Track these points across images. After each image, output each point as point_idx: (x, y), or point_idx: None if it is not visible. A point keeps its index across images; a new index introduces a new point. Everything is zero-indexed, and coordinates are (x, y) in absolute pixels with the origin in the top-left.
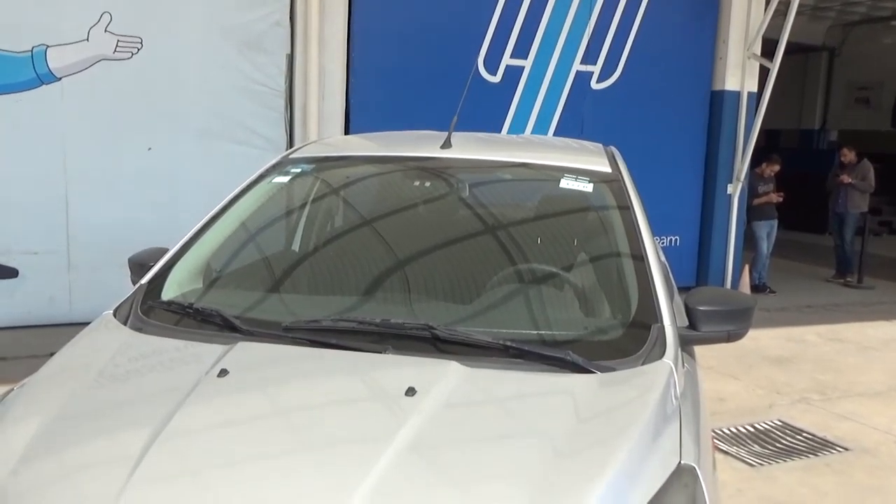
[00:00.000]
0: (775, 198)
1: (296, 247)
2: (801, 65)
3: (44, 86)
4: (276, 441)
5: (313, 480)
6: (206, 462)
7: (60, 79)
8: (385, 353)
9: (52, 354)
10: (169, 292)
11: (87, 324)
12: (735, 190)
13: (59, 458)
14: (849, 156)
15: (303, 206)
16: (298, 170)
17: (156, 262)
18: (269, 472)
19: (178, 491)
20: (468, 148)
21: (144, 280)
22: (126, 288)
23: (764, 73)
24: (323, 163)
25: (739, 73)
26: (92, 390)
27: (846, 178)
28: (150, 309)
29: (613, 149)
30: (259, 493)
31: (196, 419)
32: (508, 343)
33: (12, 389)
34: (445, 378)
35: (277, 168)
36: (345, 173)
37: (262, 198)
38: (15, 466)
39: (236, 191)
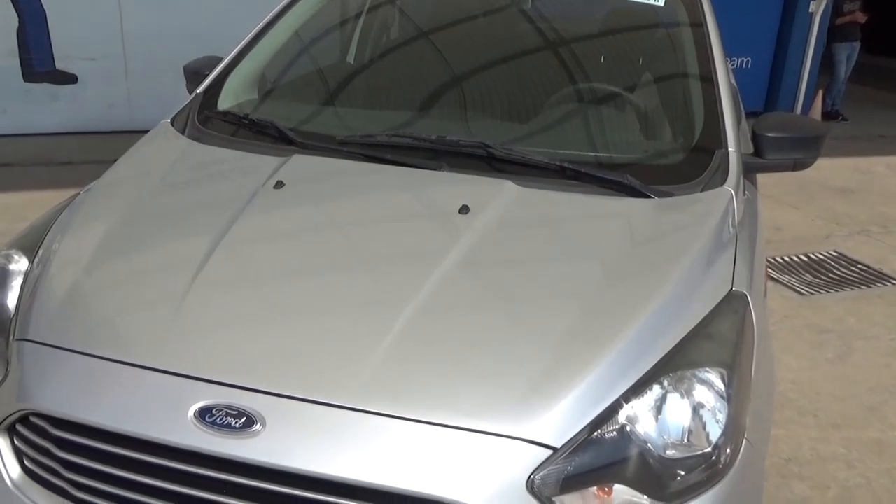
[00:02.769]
0: (861, 17)
1: (350, 58)
2: None
3: None
4: (331, 253)
5: (365, 293)
6: (265, 270)
7: None
8: (440, 170)
9: (114, 161)
10: (224, 102)
11: (146, 131)
12: (818, 8)
13: (127, 260)
14: None
15: (358, 16)
16: None
17: (211, 70)
18: (325, 282)
19: (239, 295)
20: None
21: (200, 89)
22: (183, 96)
23: None
24: None
25: None
26: (154, 197)
27: None
28: (206, 119)
29: None
30: (315, 301)
31: (254, 229)
32: (565, 164)
33: (79, 193)
34: (499, 197)
35: None
36: None
37: (316, 6)
38: (87, 266)
39: None
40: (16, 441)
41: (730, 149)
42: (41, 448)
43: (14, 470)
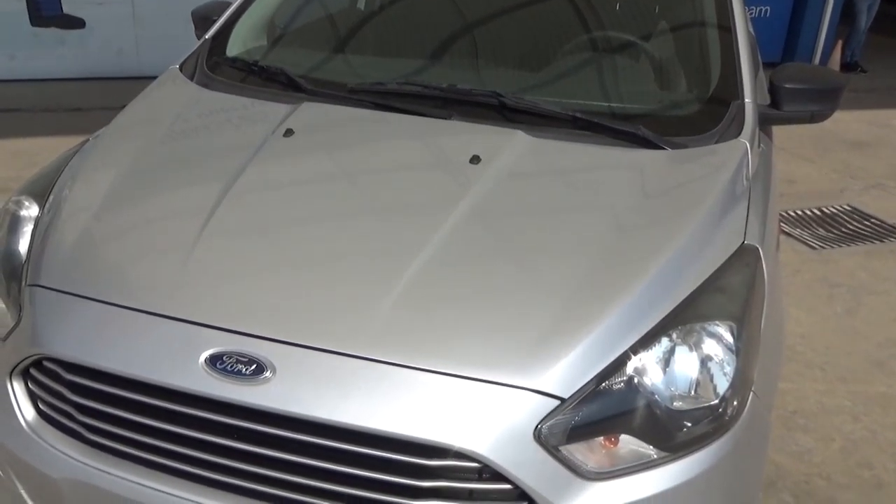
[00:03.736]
0: None
1: (361, 5)
2: None
3: None
4: (341, 202)
5: (375, 242)
6: (275, 218)
7: None
8: (450, 119)
9: (123, 107)
10: (233, 49)
11: (155, 77)
12: None
13: (137, 207)
14: None
15: None
16: None
17: (220, 16)
18: (334, 232)
19: (249, 243)
20: None
21: (209, 35)
22: (192, 42)
23: None
24: None
25: None
26: (163, 144)
27: None
28: (215, 65)
29: None
30: (325, 249)
31: (264, 177)
32: (577, 114)
33: (88, 140)
34: (510, 147)
35: None
36: None
37: None
38: (97, 213)
39: None
40: (30, 385)
41: (746, 100)
42: (55, 392)
43: (29, 413)
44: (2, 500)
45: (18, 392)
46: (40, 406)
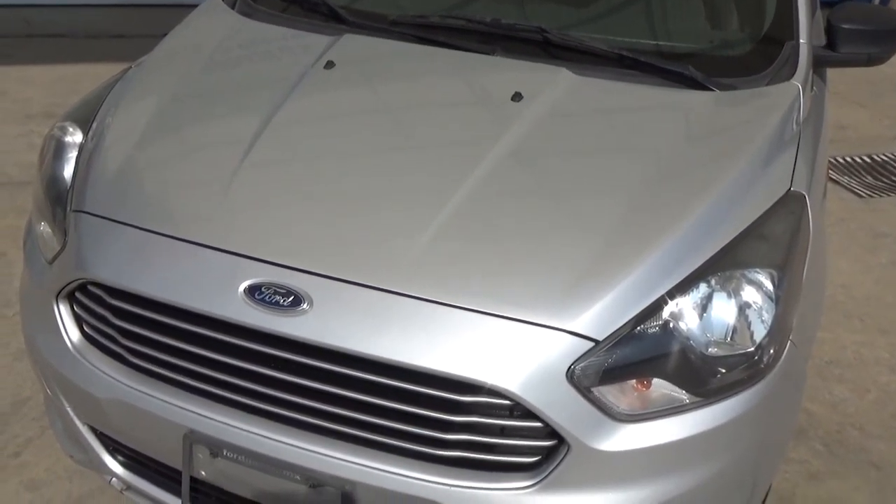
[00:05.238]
0: None
1: None
2: None
3: None
4: (381, 136)
5: (413, 178)
6: (315, 151)
7: None
8: (493, 55)
9: (164, 34)
10: None
11: (196, 5)
12: None
13: (178, 137)
14: None
15: None
16: None
17: None
18: (373, 165)
19: (288, 176)
20: None
21: None
22: None
23: None
24: None
25: None
26: (204, 74)
27: None
28: None
29: None
30: (363, 184)
31: (304, 109)
32: (624, 52)
33: (130, 67)
34: (554, 85)
35: None
36: None
37: None
38: (139, 141)
39: None
40: (76, 308)
41: (801, 40)
42: (99, 316)
43: (75, 335)
44: (51, 416)
45: (65, 314)
46: (85, 329)
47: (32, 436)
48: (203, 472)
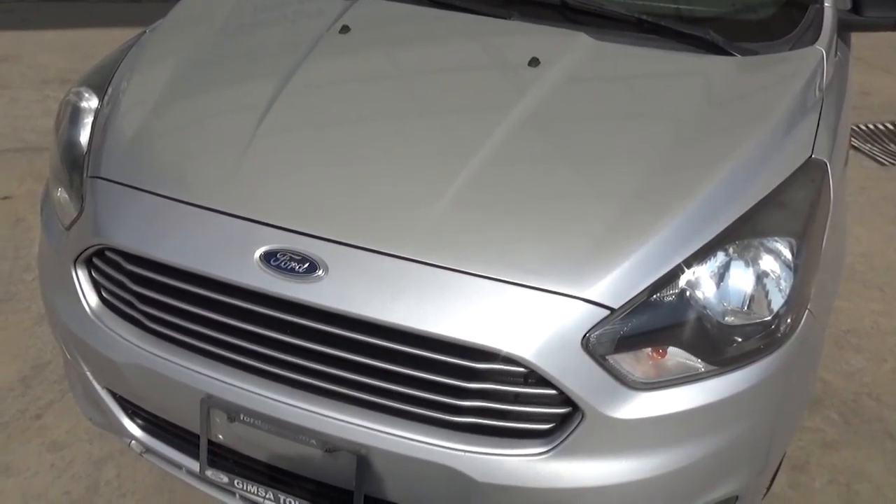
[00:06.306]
0: None
1: None
2: None
3: None
4: (397, 102)
5: (429, 144)
6: (330, 116)
7: None
8: (510, 19)
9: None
10: None
11: None
12: None
13: (193, 103)
14: None
15: None
16: None
17: None
18: (389, 131)
19: (304, 142)
20: None
21: None
22: None
23: None
24: None
25: None
26: (219, 39)
27: None
28: None
29: None
30: (379, 150)
31: (319, 74)
32: (643, 16)
33: (144, 32)
34: (571, 50)
35: None
36: None
37: None
38: (155, 107)
39: None
40: (94, 273)
41: (825, 4)
42: (117, 281)
43: (93, 300)
44: (71, 380)
45: (83, 279)
46: (103, 294)
47: (53, 398)
48: (220, 436)
